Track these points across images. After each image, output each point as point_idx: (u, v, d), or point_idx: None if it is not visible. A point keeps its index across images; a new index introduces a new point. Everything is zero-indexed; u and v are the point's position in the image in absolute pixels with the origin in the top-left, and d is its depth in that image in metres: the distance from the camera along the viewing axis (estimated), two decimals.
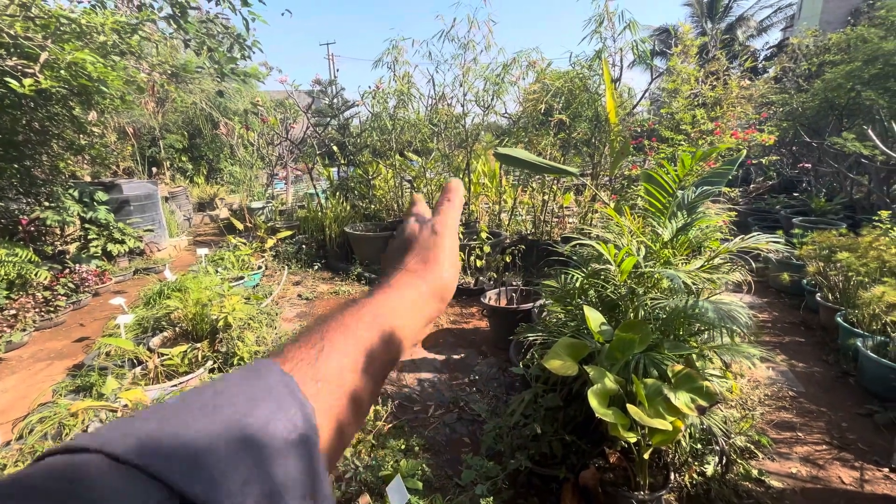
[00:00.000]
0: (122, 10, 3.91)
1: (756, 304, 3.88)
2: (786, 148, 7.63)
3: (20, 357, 3.36)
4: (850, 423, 2.36)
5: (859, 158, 5.36)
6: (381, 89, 5.28)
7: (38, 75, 2.95)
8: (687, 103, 4.02)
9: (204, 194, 9.88)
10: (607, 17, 3.95)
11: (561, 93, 4.46)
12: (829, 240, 3.36)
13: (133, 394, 1.97)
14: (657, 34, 19.28)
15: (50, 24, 3.04)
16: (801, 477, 1.99)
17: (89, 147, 4.82)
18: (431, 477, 1.96)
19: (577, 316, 2.07)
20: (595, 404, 1.44)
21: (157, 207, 6.21)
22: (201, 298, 3.10)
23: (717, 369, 1.78)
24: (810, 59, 7.14)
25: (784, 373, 2.83)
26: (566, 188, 5.17)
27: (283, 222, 6.66)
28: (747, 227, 5.76)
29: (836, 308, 3.14)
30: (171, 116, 9.71)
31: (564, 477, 1.80)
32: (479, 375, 2.91)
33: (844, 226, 4.63)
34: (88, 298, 4.40)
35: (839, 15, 14.58)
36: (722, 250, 1.87)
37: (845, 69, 5.56)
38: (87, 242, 5.05)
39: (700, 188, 2.03)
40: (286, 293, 4.62)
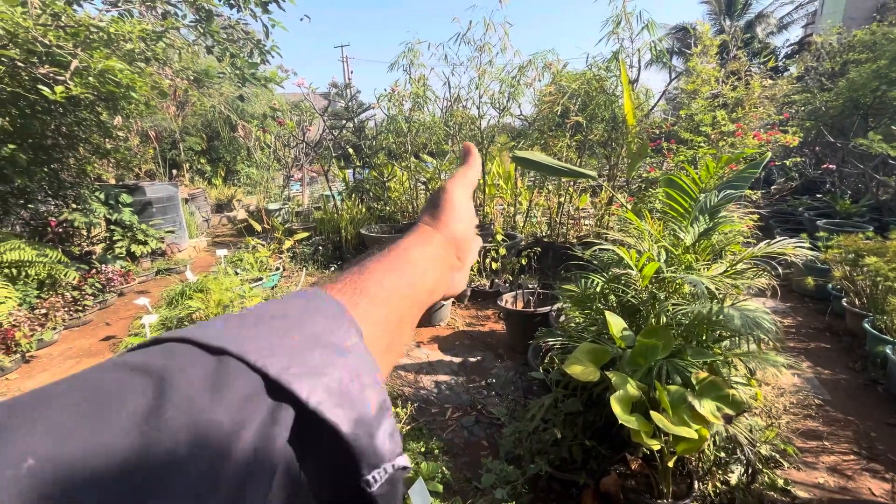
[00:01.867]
0: (147, 17, 4.02)
1: (779, 308, 3.80)
2: (808, 148, 7.44)
3: (51, 355, 3.48)
4: (879, 432, 2.30)
5: (886, 159, 5.21)
6: (397, 92, 5.32)
7: (69, 82, 3.06)
8: (707, 104, 3.96)
9: (222, 196, 10.07)
10: (625, 17, 3.92)
11: (577, 94, 4.43)
12: (855, 243, 3.27)
13: None
14: (674, 32, 19.00)
15: (80, 32, 3.15)
16: (828, 488, 1.95)
17: (115, 151, 4.96)
18: (451, 480, 1.97)
19: (597, 321, 2.06)
20: (618, 411, 1.43)
21: (177, 209, 6.35)
22: (222, 299, 3.16)
23: (742, 377, 1.76)
24: (834, 57, 6.96)
25: (809, 380, 2.77)
26: (582, 190, 5.14)
27: (300, 224, 6.75)
28: (769, 230, 5.64)
29: (864, 314, 3.05)
30: (190, 120, 9.94)
31: (585, 482, 1.79)
32: (496, 379, 2.91)
33: (871, 229, 4.50)
34: (114, 298, 4.53)
35: (864, 11, 14.16)
36: (746, 255, 1.84)
37: (871, 67, 5.41)
38: (113, 243, 5.20)
39: (723, 192, 2.00)
40: None
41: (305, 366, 0.23)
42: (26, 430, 0.16)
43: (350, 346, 0.26)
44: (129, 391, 0.19)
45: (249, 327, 0.24)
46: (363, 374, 0.25)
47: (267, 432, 0.20)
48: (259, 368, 0.21)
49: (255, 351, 0.22)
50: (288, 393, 0.21)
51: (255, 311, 0.26)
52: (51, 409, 0.17)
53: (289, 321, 0.25)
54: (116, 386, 0.19)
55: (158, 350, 0.22)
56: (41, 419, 0.17)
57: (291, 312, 0.26)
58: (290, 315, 0.26)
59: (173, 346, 0.22)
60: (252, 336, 0.23)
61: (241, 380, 0.21)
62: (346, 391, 0.23)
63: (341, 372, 0.24)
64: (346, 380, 0.23)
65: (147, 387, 0.19)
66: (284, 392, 0.21)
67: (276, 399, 0.21)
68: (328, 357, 0.24)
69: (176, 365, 0.20)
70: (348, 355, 0.25)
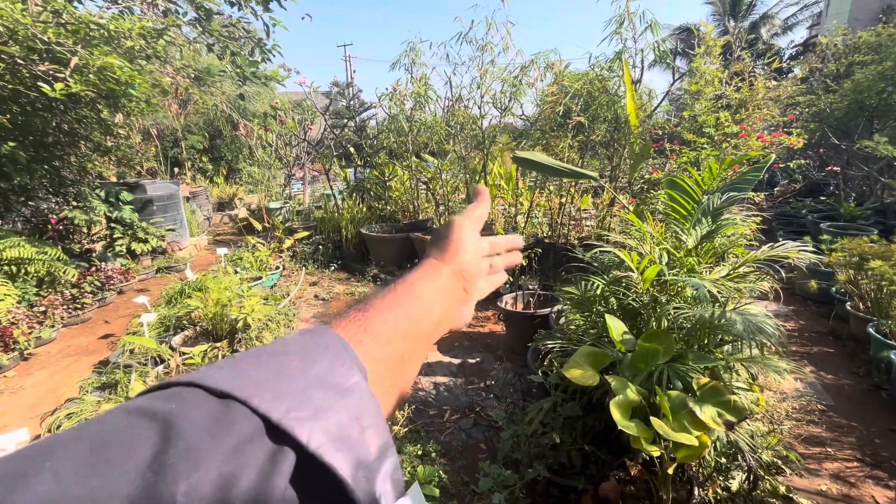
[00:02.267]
0: (148, 14, 4.01)
1: (782, 312, 3.77)
2: (813, 150, 7.39)
3: (49, 352, 3.47)
4: (883, 439, 2.27)
5: (891, 161, 5.17)
6: (399, 91, 5.30)
7: (69, 79, 3.05)
8: (710, 105, 3.92)
9: (223, 194, 10.07)
10: (628, 17, 3.89)
11: (579, 94, 4.40)
12: (860, 247, 3.24)
13: None
14: (678, 33, 18.93)
15: (80, 29, 3.13)
16: (830, 495, 1.92)
17: (116, 148, 4.96)
18: (448, 483, 1.95)
19: (597, 323, 2.03)
20: (617, 416, 1.41)
21: (178, 207, 6.35)
22: (221, 299, 3.15)
23: (744, 382, 1.73)
24: (839, 58, 6.91)
25: (812, 385, 2.73)
26: (584, 191, 5.11)
27: (301, 223, 6.74)
28: (772, 233, 5.60)
29: (868, 318, 3.02)
30: (192, 118, 9.94)
31: (583, 488, 1.77)
32: (495, 381, 2.89)
33: (876, 232, 4.46)
34: (113, 296, 4.52)
35: (869, 12, 14.08)
36: (749, 258, 1.82)
37: (876, 69, 5.36)
38: (113, 241, 5.19)
39: (726, 194, 1.97)
40: (303, 294, 4.68)
41: (307, 409, 0.23)
42: (41, 478, 0.17)
43: (351, 385, 0.26)
44: (137, 437, 0.20)
45: (256, 369, 0.25)
46: (364, 416, 0.25)
47: (266, 477, 0.21)
48: (262, 413, 0.22)
49: (258, 395, 0.23)
50: (289, 437, 0.22)
51: (266, 351, 0.27)
52: (55, 458, 0.18)
53: (294, 361, 0.26)
54: (124, 433, 0.20)
55: (166, 395, 0.23)
56: (46, 470, 0.17)
57: (298, 352, 0.27)
58: (295, 354, 0.27)
59: (180, 391, 0.23)
60: (257, 379, 0.24)
61: (244, 425, 0.22)
62: (345, 434, 0.24)
63: (342, 414, 0.24)
64: (346, 422, 0.24)
65: (152, 432, 0.20)
66: (286, 436, 0.22)
67: (277, 442, 0.22)
68: (329, 399, 0.25)
69: (182, 410, 0.21)
70: (350, 396, 0.26)
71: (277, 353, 0.27)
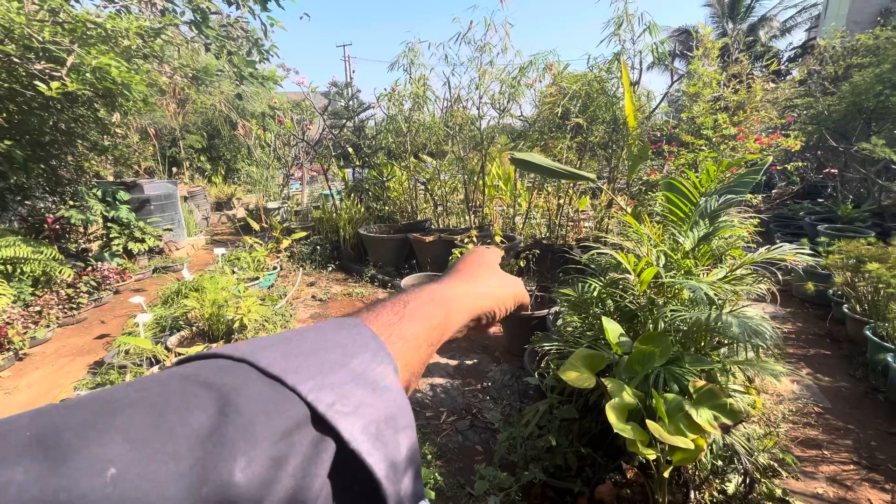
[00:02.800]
0: (145, 14, 4.00)
1: (779, 314, 3.77)
2: (810, 152, 7.41)
3: (44, 353, 3.45)
4: (880, 442, 2.27)
5: (889, 164, 5.18)
6: (397, 92, 5.30)
7: (65, 78, 3.03)
8: (708, 107, 3.93)
9: (221, 194, 10.05)
10: (626, 19, 3.89)
11: (578, 96, 4.40)
12: (857, 249, 3.24)
13: None
14: (676, 35, 18.98)
15: (77, 28, 3.12)
16: (827, 498, 1.92)
17: (113, 148, 4.94)
18: (444, 486, 1.94)
19: (594, 325, 2.03)
20: (613, 419, 1.40)
21: (176, 207, 6.33)
22: (218, 299, 3.14)
23: (740, 384, 1.73)
24: (837, 60, 6.92)
25: (809, 387, 2.73)
26: (582, 192, 5.11)
27: (299, 223, 6.73)
28: (770, 235, 5.61)
29: (865, 320, 3.02)
30: (191, 118, 9.91)
31: (579, 490, 1.76)
32: (492, 382, 2.88)
33: (873, 234, 4.47)
34: (109, 296, 4.51)
35: (867, 15, 14.13)
36: (746, 261, 1.81)
37: (874, 72, 5.37)
38: (109, 241, 5.17)
39: (723, 196, 1.97)
40: (300, 294, 4.66)
41: (349, 404, 0.24)
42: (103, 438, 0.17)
43: (388, 385, 0.27)
44: (196, 406, 0.20)
45: (303, 357, 0.26)
46: (398, 417, 0.26)
47: (310, 465, 0.21)
48: (310, 403, 0.23)
49: (306, 383, 0.24)
50: (332, 429, 0.23)
51: (309, 339, 0.28)
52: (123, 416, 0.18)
53: (336, 355, 0.27)
54: (184, 400, 0.20)
55: (220, 367, 0.23)
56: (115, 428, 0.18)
57: (339, 345, 0.28)
58: (338, 348, 0.28)
59: (232, 366, 0.23)
60: (304, 367, 0.25)
61: (294, 410, 0.22)
62: (382, 433, 0.25)
63: (379, 412, 0.25)
64: (382, 422, 0.25)
65: (210, 403, 0.20)
66: (329, 427, 0.23)
67: (321, 432, 0.23)
68: (369, 397, 0.25)
69: (237, 385, 0.22)
70: (386, 395, 0.27)
71: (322, 343, 0.28)
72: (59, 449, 0.17)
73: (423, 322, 0.36)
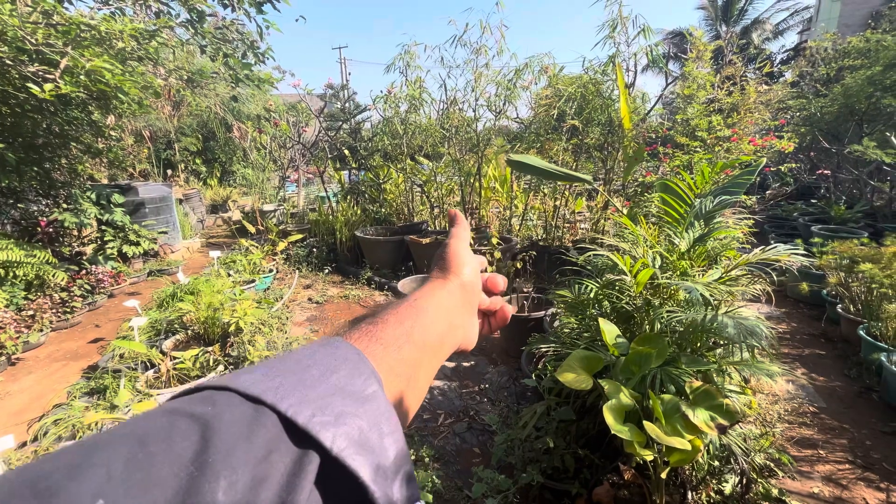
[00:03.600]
0: (140, 15, 3.98)
1: (774, 314, 3.79)
2: (804, 154, 7.48)
3: (37, 357, 3.42)
4: (875, 441, 2.28)
5: (880, 165, 5.24)
6: (393, 94, 5.30)
7: (59, 81, 3.01)
8: (703, 109, 3.95)
9: (217, 196, 10.01)
10: (621, 22, 3.91)
11: (573, 98, 4.42)
12: (850, 250, 3.27)
13: (145, 406, 1.98)
14: (671, 37, 19.12)
15: (71, 30, 3.10)
16: (823, 497, 1.93)
17: (107, 150, 4.91)
18: (441, 489, 1.93)
19: (590, 327, 2.03)
20: (611, 420, 1.40)
21: (171, 209, 6.30)
22: (213, 302, 3.12)
23: (736, 385, 1.73)
24: (829, 63, 7.00)
25: (804, 387, 2.75)
26: (578, 193, 5.13)
27: (295, 225, 6.71)
28: (764, 235, 5.65)
29: (859, 320, 3.05)
30: (186, 120, 9.87)
31: (577, 492, 1.76)
32: (489, 384, 2.88)
33: (866, 234, 4.51)
34: (104, 299, 4.47)
35: (858, 18, 14.30)
36: (741, 262, 1.82)
37: (865, 74, 5.44)
38: (104, 244, 5.14)
39: (718, 197, 1.98)
40: (297, 297, 4.65)
41: (329, 414, 0.25)
42: (88, 474, 0.18)
43: (370, 394, 0.28)
44: (179, 435, 0.21)
45: (282, 377, 0.26)
46: (382, 423, 0.27)
47: (293, 480, 0.22)
48: (289, 417, 0.23)
49: (285, 400, 0.24)
50: (313, 440, 0.23)
51: (290, 358, 0.29)
52: (106, 452, 0.19)
53: (316, 371, 0.28)
54: (167, 431, 0.21)
55: (202, 398, 0.24)
56: (99, 463, 0.19)
57: (319, 362, 0.28)
58: (317, 365, 0.28)
59: (214, 395, 0.24)
60: (283, 386, 0.25)
61: (273, 428, 0.23)
62: (366, 439, 0.25)
63: (362, 420, 0.26)
64: (366, 428, 0.25)
65: (192, 432, 0.21)
66: (310, 439, 0.23)
67: (302, 446, 0.23)
68: (350, 406, 0.26)
69: (217, 412, 0.22)
70: (369, 404, 0.27)
71: (300, 362, 0.28)
72: (49, 490, 0.17)
73: (403, 329, 0.36)
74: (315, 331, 3.82)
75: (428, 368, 0.38)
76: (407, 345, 0.36)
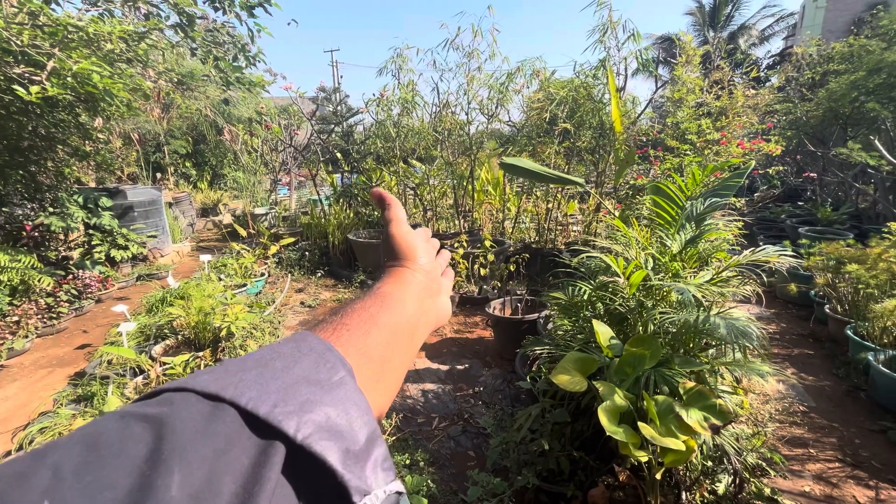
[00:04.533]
0: (129, 17, 3.93)
1: (764, 315, 3.84)
2: (790, 157, 7.61)
3: (22, 364, 3.34)
4: (863, 439, 2.32)
5: (865, 168, 5.34)
6: (386, 97, 5.30)
7: (45, 83, 2.96)
8: (692, 113, 4.01)
9: (207, 200, 9.90)
10: (611, 26, 3.96)
11: (565, 101, 4.45)
12: (837, 251, 3.33)
13: None
14: (660, 42, 19.37)
15: (58, 32, 3.06)
16: (814, 496, 1.95)
17: (95, 153, 4.83)
18: (436, 493, 1.92)
19: (584, 329, 2.04)
20: (605, 422, 1.40)
21: (160, 213, 6.22)
22: (204, 307, 3.08)
23: (729, 385, 1.75)
24: (814, 68, 7.15)
25: (794, 387, 2.79)
26: (570, 196, 5.16)
27: (287, 229, 6.66)
28: (753, 237, 5.72)
29: (846, 320, 3.10)
30: (175, 122, 9.77)
31: (573, 494, 1.76)
32: (483, 387, 2.88)
33: (852, 236, 4.59)
34: (91, 305, 4.39)
35: (841, 24, 14.63)
36: (731, 263, 1.84)
37: (849, 79, 5.56)
38: (91, 248, 5.05)
39: (709, 200, 2.01)
40: (289, 301, 4.61)
41: (292, 403, 0.24)
42: (41, 475, 0.18)
43: (337, 381, 0.27)
44: (131, 437, 0.20)
45: (242, 371, 0.26)
46: (350, 408, 0.26)
47: (257, 471, 0.21)
48: (249, 410, 0.23)
49: (245, 394, 0.24)
50: (277, 431, 0.23)
51: (252, 357, 0.28)
52: (59, 456, 0.19)
53: (279, 363, 0.27)
54: (119, 433, 0.20)
55: (158, 400, 0.23)
56: (46, 467, 0.18)
57: (282, 355, 0.28)
58: (280, 358, 0.28)
59: (171, 396, 0.23)
60: (244, 380, 0.25)
61: (232, 422, 0.23)
62: (333, 424, 0.25)
63: (328, 407, 0.25)
64: (333, 414, 0.25)
65: (146, 432, 0.21)
66: (274, 430, 0.23)
67: (266, 437, 0.23)
68: (315, 394, 0.25)
69: (173, 411, 0.22)
70: (336, 391, 0.27)
71: (263, 357, 0.28)
72: None
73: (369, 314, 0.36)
74: None
75: (402, 351, 0.37)
76: (374, 328, 0.35)
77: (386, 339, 0.36)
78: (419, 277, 0.44)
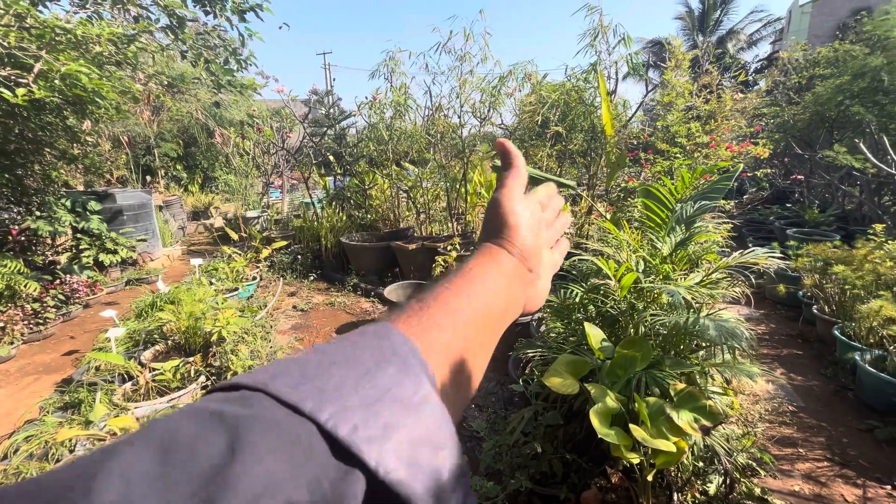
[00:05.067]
0: (118, 20, 3.90)
1: (753, 316, 3.89)
2: (778, 160, 7.72)
3: (7, 371, 3.28)
4: (851, 438, 2.35)
5: (850, 170, 5.44)
6: (378, 100, 5.30)
7: (32, 85, 2.93)
8: (682, 116, 4.05)
9: (198, 203, 9.82)
10: (602, 31, 4.00)
11: (557, 105, 4.48)
12: (824, 252, 3.38)
13: (121, 421, 1.91)
14: (650, 46, 19.60)
15: (45, 34, 3.02)
16: (803, 495, 1.97)
17: (83, 156, 4.77)
18: None
19: (576, 331, 2.05)
20: (597, 424, 1.41)
21: (150, 217, 6.15)
22: (194, 311, 3.05)
23: (719, 386, 1.77)
24: (800, 72, 7.27)
25: (783, 387, 2.82)
26: (562, 199, 5.18)
27: (279, 232, 6.62)
28: (742, 239, 5.79)
29: (833, 321, 3.14)
30: (166, 125, 9.68)
31: (565, 497, 1.77)
32: (476, 390, 2.87)
33: (838, 237, 4.66)
34: (79, 310, 4.33)
35: (826, 29, 14.91)
36: (721, 265, 1.86)
37: (834, 83, 5.66)
38: (79, 252, 4.98)
39: (698, 202, 2.03)
40: (281, 304, 4.57)
41: (374, 426, 0.22)
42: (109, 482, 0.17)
43: (421, 398, 0.25)
44: (203, 442, 0.19)
45: (323, 378, 0.24)
46: (435, 434, 0.24)
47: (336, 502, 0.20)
48: (328, 430, 0.21)
49: (325, 410, 0.22)
50: (357, 459, 0.21)
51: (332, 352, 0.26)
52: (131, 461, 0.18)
53: (359, 370, 0.25)
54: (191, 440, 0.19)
55: (235, 398, 0.22)
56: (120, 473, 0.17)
57: (362, 360, 0.26)
58: (361, 363, 0.25)
59: (249, 397, 0.22)
60: (322, 391, 0.23)
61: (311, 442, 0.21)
62: (417, 456, 0.23)
63: (412, 432, 0.23)
64: (417, 442, 0.23)
65: (220, 439, 0.19)
66: (354, 457, 0.21)
67: (345, 462, 0.21)
68: (398, 415, 0.23)
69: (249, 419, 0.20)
70: (420, 411, 0.24)
71: (345, 354, 0.26)
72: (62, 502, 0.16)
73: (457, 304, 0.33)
74: (300, 339, 3.76)
75: (484, 353, 0.35)
76: (461, 325, 0.32)
77: (474, 335, 0.33)
78: (515, 262, 0.40)
